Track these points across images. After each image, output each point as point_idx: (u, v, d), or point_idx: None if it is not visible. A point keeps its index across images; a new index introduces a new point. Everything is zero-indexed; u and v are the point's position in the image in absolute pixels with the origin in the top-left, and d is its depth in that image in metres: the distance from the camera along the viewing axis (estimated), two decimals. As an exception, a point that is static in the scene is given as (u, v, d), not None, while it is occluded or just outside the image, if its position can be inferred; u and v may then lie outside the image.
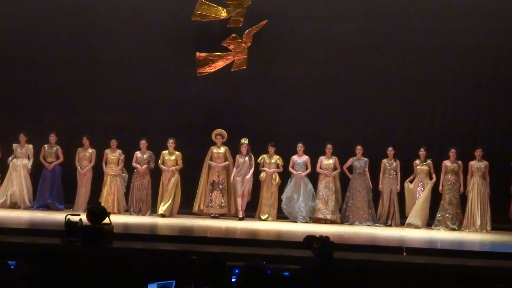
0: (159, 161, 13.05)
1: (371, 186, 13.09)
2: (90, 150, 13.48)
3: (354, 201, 13.05)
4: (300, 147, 13.15)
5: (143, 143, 13.11)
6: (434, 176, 12.90)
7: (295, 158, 13.15)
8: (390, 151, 13.14)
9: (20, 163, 13.50)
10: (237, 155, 13.03)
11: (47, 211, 12.90)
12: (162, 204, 12.84)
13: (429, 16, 13.64)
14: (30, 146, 13.60)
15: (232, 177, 12.95)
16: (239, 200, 12.94)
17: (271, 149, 13.09)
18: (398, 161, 13.14)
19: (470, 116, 13.72)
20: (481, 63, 13.56)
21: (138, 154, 13.11)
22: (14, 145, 13.57)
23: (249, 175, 12.94)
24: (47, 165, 13.47)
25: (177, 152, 13.07)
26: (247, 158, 12.97)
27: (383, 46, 13.80)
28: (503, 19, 13.45)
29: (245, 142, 13.00)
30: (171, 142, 13.04)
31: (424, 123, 13.84)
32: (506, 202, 12.65)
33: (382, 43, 13.81)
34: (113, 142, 13.36)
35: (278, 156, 13.12)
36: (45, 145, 13.53)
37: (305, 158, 13.15)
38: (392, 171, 13.12)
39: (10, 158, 13.51)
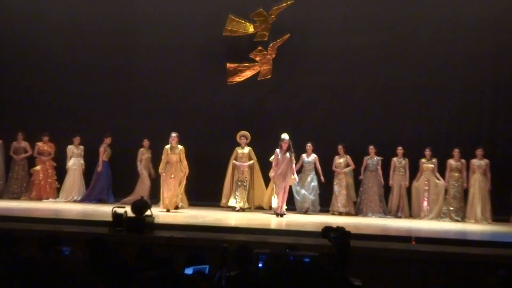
0: (163, 155, 12.12)
1: (383, 182, 13.02)
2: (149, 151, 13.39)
3: (367, 195, 13.02)
4: (309, 147, 12.98)
5: (174, 136, 12.16)
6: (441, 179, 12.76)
7: (304, 156, 12.96)
8: (400, 150, 13.08)
9: (77, 162, 13.66)
10: (277, 150, 11.86)
11: (97, 204, 12.97)
12: (167, 198, 12.06)
13: (436, 30, 13.55)
14: (82, 147, 13.76)
15: (271, 173, 11.99)
16: (280, 196, 11.73)
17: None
18: (406, 159, 13.06)
19: (473, 119, 13.58)
20: (483, 71, 13.43)
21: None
22: (69, 146, 13.72)
23: (293, 172, 11.95)
24: (101, 164, 13.51)
25: (180, 147, 12.10)
26: (287, 154, 11.79)
27: (394, 57, 13.72)
28: (503, 32, 13.30)
29: (286, 137, 11.76)
30: (173, 136, 12.05)
31: (430, 125, 13.72)
32: (505, 196, 12.50)
33: (393, 54, 13.73)
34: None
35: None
36: (103, 146, 13.52)
37: (313, 157, 13.00)
38: (401, 168, 13.04)
39: (69, 162, 13.60)
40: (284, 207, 11.91)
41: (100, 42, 14.46)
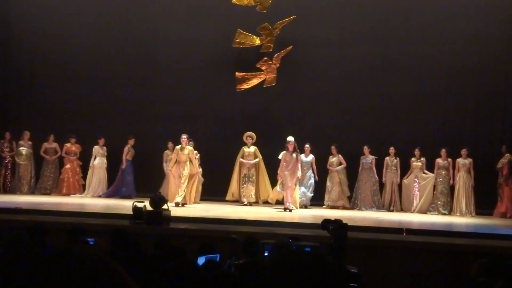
0: (173, 155, 12.08)
1: (377, 178, 12.98)
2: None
3: (361, 191, 12.99)
4: (307, 148, 12.92)
5: (184, 138, 12.14)
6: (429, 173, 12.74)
7: (302, 156, 12.71)
8: (392, 150, 13.05)
9: (102, 162, 13.70)
10: (284, 152, 11.69)
11: (120, 199, 12.93)
12: (177, 194, 11.81)
13: (424, 42, 13.51)
14: (105, 147, 13.79)
15: (279, 172, 11.81)
16: (288, 193, 11.57)
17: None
18: (398, 158, 13.03)
19: (458, 122, 13.55)
20: (466, 80, 13.39)
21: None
22: (95, 147, 13.75)
23: (299, 171, 11.85)
24: (125, 163, 13.51)
25: (189, 147, 12.03)
26: (294, 154, 11.68)
27: (387, 66, 13.69)
28: (484, 45, 13.26)
29: (292, 140, 11.65)
30: (184, 138, 11.97)
31: (420, 128, 13.67)
32: (487, 192, 12.47)
33: (386, 63, 13.71)
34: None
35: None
36: (127, 146, 13.50)
37: (311, 157, 12.91)
38: (393, 167, 13.02)
39: (94, 161, 13.59)
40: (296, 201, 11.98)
41: (124, 55, 14.48)
